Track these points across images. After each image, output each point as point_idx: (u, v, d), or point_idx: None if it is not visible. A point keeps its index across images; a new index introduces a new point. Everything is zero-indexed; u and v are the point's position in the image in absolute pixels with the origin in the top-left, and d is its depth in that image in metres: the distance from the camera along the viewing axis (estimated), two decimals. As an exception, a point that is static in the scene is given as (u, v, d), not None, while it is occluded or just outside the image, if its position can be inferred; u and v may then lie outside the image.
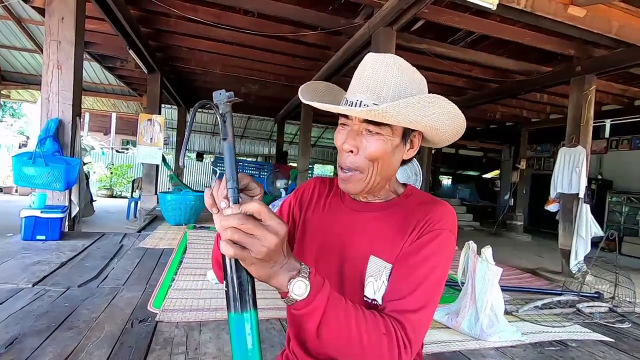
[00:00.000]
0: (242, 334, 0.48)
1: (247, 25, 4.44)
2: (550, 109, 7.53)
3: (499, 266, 1.52)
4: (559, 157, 4.61)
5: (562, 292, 1.97)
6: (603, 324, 1.73)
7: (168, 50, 5.73)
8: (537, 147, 10.15)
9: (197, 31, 4.77)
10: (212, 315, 2.05)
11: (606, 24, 3.30)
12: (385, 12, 3.39)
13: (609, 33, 3.33)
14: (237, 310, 0.48)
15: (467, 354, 1.31)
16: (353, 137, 0.68)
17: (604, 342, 1.54)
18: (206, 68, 6.32)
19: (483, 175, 15.13)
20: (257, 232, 0.47)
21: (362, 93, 0.67)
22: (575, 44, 4.24)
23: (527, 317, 1.68)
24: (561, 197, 4.61)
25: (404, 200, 0.75)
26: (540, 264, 5.16)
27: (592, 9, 3.16)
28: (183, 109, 9.27)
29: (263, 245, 0.47)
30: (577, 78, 4.50)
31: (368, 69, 0.68)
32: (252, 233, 0.47)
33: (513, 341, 1.43)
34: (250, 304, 0.48)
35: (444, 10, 3.64)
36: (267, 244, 0.47)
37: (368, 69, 0.68)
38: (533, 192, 9.81)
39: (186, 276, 2.69)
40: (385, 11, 3.38)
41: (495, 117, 8.35)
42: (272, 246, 0.48)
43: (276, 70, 6.24)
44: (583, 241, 4.21)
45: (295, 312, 0.54)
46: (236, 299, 0.47)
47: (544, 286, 2.28)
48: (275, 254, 0.49)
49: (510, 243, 7.50)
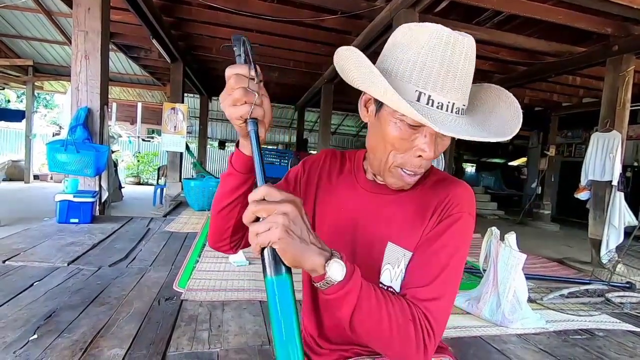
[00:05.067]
0: (279, 296, 0.48)
1: (267, 11, 4.42)
2: (584, 92, 7.14)
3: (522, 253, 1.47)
4: (592, 143, 4.39)
5: (590, 282, 1.90)
6: (634, 314, 1.66)
7: (190, 39, 5.79)
8: (567, 132, 9.69)
9: (217, 19, 4.80)
10: (234, 295, 2.12)
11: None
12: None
13: (652, 7, 3.10)
14: (272, 274, 0.48)
15: (488, 339, 1.29)
16: (434, 142, 0.60)
17: (635, 332, 1.48)
18: (227, 56, 6.36)
19: (509, 162, 14.63)
20: (270, 207, 0.47)
21: (455, 92, 0.56)
22: (612, 21, 3.97)
23: (552, 305, 1.63)
24: (593, 185, 4.40)
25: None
26: (568, 253, 4.98)
27: (633, -18, 2.95)
28: (205, 98, 9.41)
29: (280, 215, 0.46)
30: (614, 58, 4.23)
31: (462, 59, 0.55)
32: (267, 213, 0.47)
33: (536, 328, 1.40)
34: (284, 268, 0.48)
35: (470, -11, 3.49)
36: (283, 209, 0.47)
37: (462, 59, 0.55)
38: (562, 179, 9.42)
39: (209, 258, 2.78)
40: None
41: (524, 101, 8.00)
42: (290, 212, 0.47)
43: (296, 56, 6.21)
44: (615, 230, 4.02)
45: (329, 296, 0.52)
46: (271, 263, 0.48)
47: (571, 275, 2.20)
48: (297, 223, 0.48)
49: (537, 232, 7.26)
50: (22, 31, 7.41)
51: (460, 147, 11.84)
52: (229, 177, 0.65)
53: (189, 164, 8.42)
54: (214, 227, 0.72)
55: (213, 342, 1.61)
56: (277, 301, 0.48)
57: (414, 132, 0.59)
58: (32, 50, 8.23)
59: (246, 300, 2.09)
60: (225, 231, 0.71)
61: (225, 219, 0.69)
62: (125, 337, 1.56)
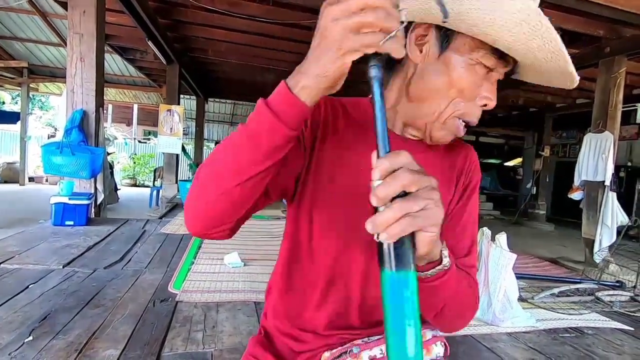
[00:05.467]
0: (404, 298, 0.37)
1: (262, 13, 4.44)
2: (577, 94, 7.21)
3: (514, 253, 1.50)
4: (585, 144, 4.44)
5: (581, 281, 1.92)
6: (623, 312, 1.69)
7: (186, 40, 5.81)
8: (562, 133, 9.78)
9: (212, 21, 4.82)
10: (228, 296, 2.13)
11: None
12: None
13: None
14: (396, 267, 0.37)
15: (479, 338, 1.31)
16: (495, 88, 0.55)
17: (623, 330, 1.50)
18: (223, 58, 6.38)
19: (505, 163, 14.71)
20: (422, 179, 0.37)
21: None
22: (603, 23, 4.02)
23: (542, 304, 1.66)
24: (586, 185, 4.45)
25: None
26: (562, 253, 5.02)
27: (623, -15, 2.99)
28: (201, 99, 9.41)
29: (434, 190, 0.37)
30: (606, 60, 4.29)
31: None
32: (417, 187, 0.36)
33: (526, 327, 1.42)
34: (411, 264, 0.37)
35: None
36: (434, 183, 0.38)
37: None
38: (557, 180, 9.49)
39: (204, 260, 2.79)
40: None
41: (518, 102, 8.07)
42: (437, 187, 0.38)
43: (293, 59, 6.22)
44: (608, 230, 4.07)
45: (435, 282, 0.48)
46: (398, 253, 0.37)
47: (563, 274, 2.23)
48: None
49: (532, 232, 7.32)
50: (17, 32, 7.39)
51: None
52: (269, 134, 0.44)
53: (185, 166, 8.41)
54: (221, 206, 0.49)
55: (207, 343, 1.62)
56: (400, 304, 0.36)
57: (484, 78, 0.54)
58: (27, 51, 8.21)
59: (241, 301, 2.10)
60: (240, 209, 0.51)
61: (250, 193, 0.49)
62: (120, 338, 1.57)
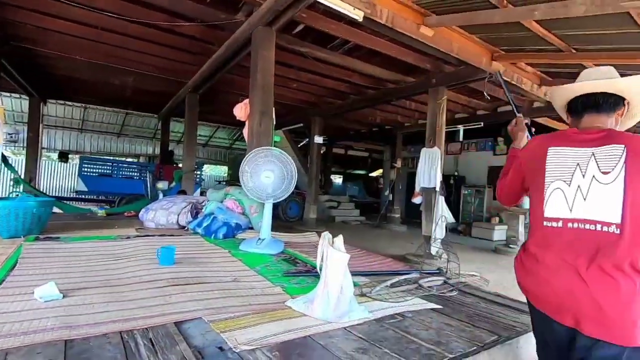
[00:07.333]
0: None
1: (114, 8, 3.95)
2: (418, 115, 8.65)
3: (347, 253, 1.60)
4: (421, 157, 5.36)
5: (409, 272, 2.26)
6: (438, 295, 2.03)
7: (7, 26, 4.69)
8: (411, 148, 11.58)
9: (50, 8, 4.05)
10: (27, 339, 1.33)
11: (449, 45, 3.93)
12: (263, 12, 3.40)
13: (452, 52, 3.98)
14: None
15: (317, 337, 1.37)
16: None
17: (435, 309, 1.80)
18: (65, 53, 5.40)
19: (369, 174, 16.61)
20: None
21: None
22: (430, 59, 4.95)
23: (377, 296, 1.86)
24: (423, 191, 5.35)
25: None
26: (410, 250, 5.89)
27: (438, 30, 3.74)
28: (36, 99, 7.72)
29: None
30: (433, 89, 5.29)
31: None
32: None
33: (361, 319, 1.56)
34: None
35: (320, 17, 3.84)
36: None
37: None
38: (409, 187, 11.12)
39: (6, 297, 2.01)
40: (263, 10, 3.38)
41: (376, 120, 9.26)
42: None
43: (155, 62, 5.69)
44: (439, 227, 4.97)
45: None
46: None
47: (400, 268, 2.59)
48: None
49: (389, 234, 8.40)
50: None
51: (328, 160, 12.85)
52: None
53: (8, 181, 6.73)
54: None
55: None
56: None
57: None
58: None
59: (45, 342, 1.32)
60: None
61: None
62: None
